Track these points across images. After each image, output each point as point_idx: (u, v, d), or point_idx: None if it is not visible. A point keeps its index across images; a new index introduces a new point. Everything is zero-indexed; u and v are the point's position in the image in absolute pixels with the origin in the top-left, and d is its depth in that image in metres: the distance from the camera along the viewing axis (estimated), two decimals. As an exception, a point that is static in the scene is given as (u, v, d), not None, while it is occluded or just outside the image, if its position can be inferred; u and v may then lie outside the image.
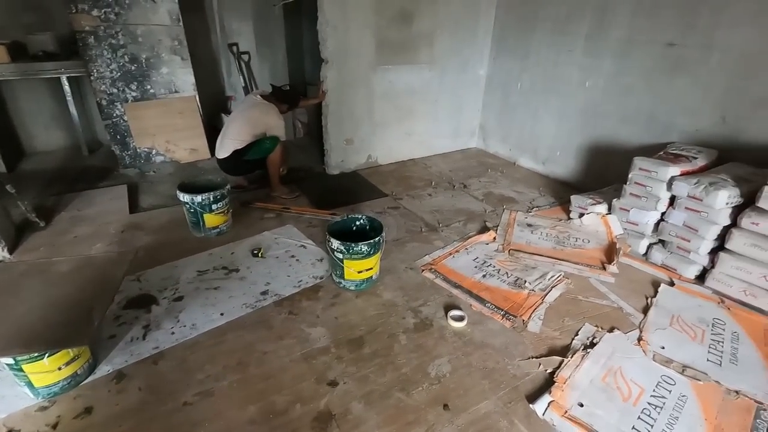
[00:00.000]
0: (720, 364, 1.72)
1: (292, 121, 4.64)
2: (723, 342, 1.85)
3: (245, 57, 4.52)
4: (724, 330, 1.92)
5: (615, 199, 2.58)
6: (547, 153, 3.71)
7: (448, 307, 2.02)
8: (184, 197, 2.42)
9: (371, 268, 2.09)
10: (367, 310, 2.02)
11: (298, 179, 3.47)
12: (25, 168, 3.69)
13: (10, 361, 1.37)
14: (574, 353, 1.75)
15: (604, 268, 2.34)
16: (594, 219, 2.69)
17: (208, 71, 4.66)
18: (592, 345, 1.80)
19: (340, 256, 2.00)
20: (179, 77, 3.69)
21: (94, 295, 1.53)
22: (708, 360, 1.74)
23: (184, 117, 3.78)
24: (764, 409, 1.52)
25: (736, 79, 2.39)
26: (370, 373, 1.67)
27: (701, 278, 2.24)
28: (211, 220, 2.52)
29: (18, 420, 1.44)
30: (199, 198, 2.42)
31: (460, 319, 1.93)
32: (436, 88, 3.92)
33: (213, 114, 4.49)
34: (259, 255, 2.38)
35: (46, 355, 1.36)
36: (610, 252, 2.46)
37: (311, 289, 2.15)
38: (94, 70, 3.35)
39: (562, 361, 1.72)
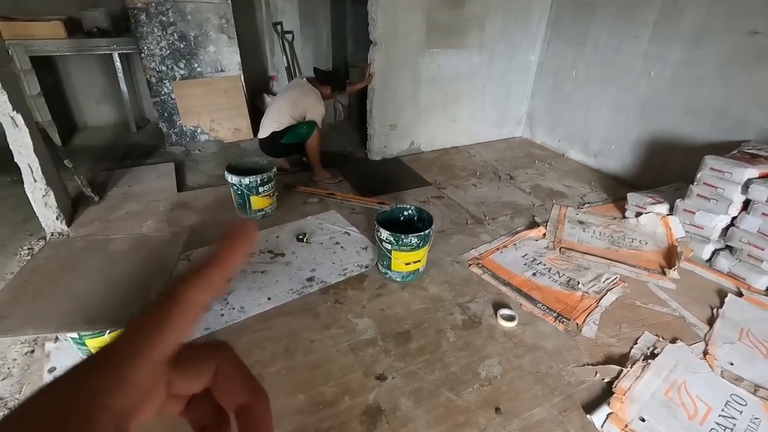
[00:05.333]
0: (797, 387, 1.60)
1: (333, 103, 4.58)
2: (799, 362, 1.71)
3: (289, 36, 4.46)
4: (800, 349, 1.77)
5: (679, 200, 2.41)
6: (600, 146, 3.51)
7: (497, 305, 1.96)
8: (232, 179, 2.43)
9: (419, 261, 2.04)
10: (413, 303, 1.97)
11: (339, 164, 3.43)
12: (76, 143, 3.82)
13: (75, 335, 1.41)
14: (634, 363, 1.66)
15: (664, 273, 2.20)
16: (653, 219, 2.54)
17: (251, 50, 4.64)
18: (653, 355, 1.70)
19: (389, 246, 1.96)
20: (225, 56, 3.68)
21: (151, 275, 1.55)
22: (783, 381, 1.62)
23: (228, 96, 3.79)
24: None
25: (831, 74, 2.16)
26: (417, 369, 1.64)
27: (773, 290, 2.08)
28: (257, 202, 2.52)
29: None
30: (246, 180, 2.41)
31: (510, 318, 1.87)
32: (484, 74, 3.76)
33: (255, 94, 4.49)
34: (304, 240, 2.37)
35: (108, 332, 1.39)
36: (670, 256, 2.32)
37: (356, 278, 2.12)
38: (145, 48, 3.38)
39: (621, 370, 1.63)
